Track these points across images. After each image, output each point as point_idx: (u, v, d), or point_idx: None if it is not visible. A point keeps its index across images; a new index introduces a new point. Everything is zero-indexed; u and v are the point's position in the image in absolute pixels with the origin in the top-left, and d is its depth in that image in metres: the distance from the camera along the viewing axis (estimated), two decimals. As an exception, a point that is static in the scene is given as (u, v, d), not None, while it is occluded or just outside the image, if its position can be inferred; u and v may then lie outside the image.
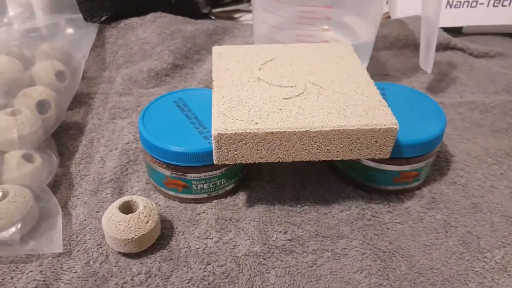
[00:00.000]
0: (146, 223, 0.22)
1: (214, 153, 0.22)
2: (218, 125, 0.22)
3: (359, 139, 0.22)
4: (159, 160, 0.25)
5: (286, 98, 0.24)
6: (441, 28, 0.46)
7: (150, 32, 0.41)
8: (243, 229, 0.24)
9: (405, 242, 0.24)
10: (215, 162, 0.23)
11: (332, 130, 0.22)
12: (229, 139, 0.21)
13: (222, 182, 0.26)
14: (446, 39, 0.44)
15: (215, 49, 0.29)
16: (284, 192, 0.27)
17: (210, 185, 0.25)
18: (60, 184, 0.27)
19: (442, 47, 0.44)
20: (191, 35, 0.42)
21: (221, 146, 0.22)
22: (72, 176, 0.28)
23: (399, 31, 0.44)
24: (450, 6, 0.47)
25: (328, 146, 0.22)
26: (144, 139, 0.25)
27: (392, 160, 0.25)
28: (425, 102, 0.28)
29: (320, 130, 0.22)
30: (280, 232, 0.24)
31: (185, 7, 0.49)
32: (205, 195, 0.26)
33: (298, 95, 0.24)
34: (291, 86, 0.25)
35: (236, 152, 0.22)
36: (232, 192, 0.27)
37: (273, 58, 0.28)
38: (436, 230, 0.25)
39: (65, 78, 0.33)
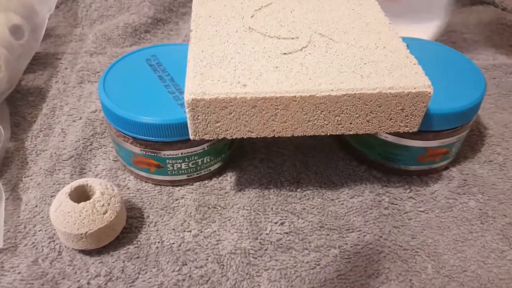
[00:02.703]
0: (104, 213, 0.17)
1: (189, 126, 0.17)
2: (193, 87, 0.16)
3: (380, 106, 0.17)
4: (124, 133, 0.20)
5: (285, 53, 0.18)
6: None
7: (128, -18, 0.35)
8: (229, 219, 0.20)
9: (431, 237, 0.19)
10: (191, 137, 0.17)
11: (344, 95, 0.16)
12: (207, 107, 0.16)
13: (205, 161, 0.21)
14: (476, -9, 0.38)
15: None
16: (282, 173, 0.22)
17: (190, 165, 0.20)
18: (11, 161, 0.22)
19: (470, 0, 0.38)
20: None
21: (198, 116, 0.17)
22: (26, 152, 0.23)
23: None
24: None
25: (339, 116, 0.17)
26: (105, 107, 0.20)
27: (418, 134, 0.20)
28: (458, 62, 0.23)
29: (329, 95, 0.16)
30: (276, 223, 0.20)
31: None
32: (184, 177, 0.21)
33: (301, 49, 0.19)
34: (292, 38, 0.19)
35: (218, 124, 0.17)
36: (218, 173, 0.22)
37: (270, 3, 0.22)
38: (469, 221, 0.20)
39: (23, 35, 0.28)
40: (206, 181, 0.22)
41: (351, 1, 0.22)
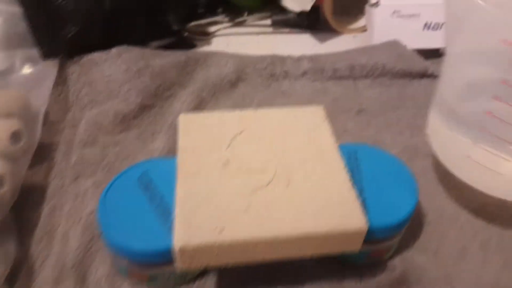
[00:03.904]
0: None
1: (177, 260, 0.21)
2: (180, 235, 0.20)
3: (328, 239, 0.21)
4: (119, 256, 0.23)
5: (254, 190, 0.23)
6: (417, 49, 0.44)
7: (115, 69, 0.38)
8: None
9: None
10: (177, 268, 0.21)
11: (300, 235, 0.21)
12: (192, 251, 0.20)
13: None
14: (423, 67, 0.43)
15: (182, 118, 0.27)
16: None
17: (180, 275, 0.24)
18: (19, 271, 0.26)
19: (418, 75, 0.43)
20: (160, 70, 0.39)
21: (184, 258, 0.21)
22: (32, 259, 0.26)
23: (377, 60, 0.43)
24: (428, 28, 0.46)
25: (298, 247, 0.21)
26: (102, 232, 0.23)
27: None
28: (397, 170, 0.27)
29: (288, 236, 0.21)
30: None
31: (154, 29, 0.46)
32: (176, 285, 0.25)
33: (267, 185, 0.23)
34: (260, 172, 0.23)
35: (202, 260, 0.21)
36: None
37: (242, 130, 0.26)
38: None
39: (21, 137, 0.31)
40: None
41: (308, 126, 0.26)
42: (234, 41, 0.51)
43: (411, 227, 0.29)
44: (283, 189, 0.23)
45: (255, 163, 0.24)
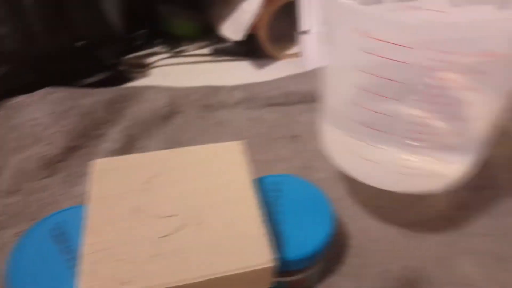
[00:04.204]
0: None
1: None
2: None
3: (238, 279, 0.22)
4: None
5: (163, 236, 0.22)
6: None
7: (41, 111, 0.37)
8: None
9: None
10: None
11: (209, 278, 0.21)
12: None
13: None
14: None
15: (96, 164, 0.26)
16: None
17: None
18: None
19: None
20: (89, 109, 0.39)
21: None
22: None
23: (309, 86, 0.44)
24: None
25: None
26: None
27: (280, 273, 0.25)
28: (316, 200, 0.28)
29: (197, 280, 0.21)
30: None
31: (88, 65, 0.46)
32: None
33: (177, 230, 0.23)
34: (171, 216, 0.23)
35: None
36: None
37: (157, 173, 0.26)
38: None
39: None
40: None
41: (224, 164, 0.26)
42: (172, 71, 0.51)
43: (336, 252, 0.30)
44: (193, 232, 0.23)
45: (166, 208, 0.24)
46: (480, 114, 0.25)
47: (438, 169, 0.27)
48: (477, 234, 0.31)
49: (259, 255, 0.22)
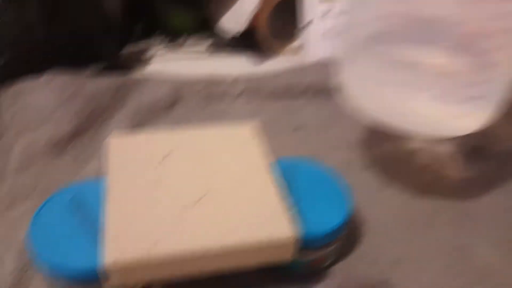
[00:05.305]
0: None
1: (109, 278, 0.21)
2: (110, 251, 0.21)
3: (259, 250, 0.23)
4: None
5: (184, 207, 0.23)
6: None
7: (46, 95, 0.38)
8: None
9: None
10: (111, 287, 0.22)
11: (232, 246, 0.22)
12: (123, 267, 0.21)
13: None
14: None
15: (112, 140, 0.27)
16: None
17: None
18: None
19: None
20: (93, 95, 0.39)
21: (116, 273, 0.21)
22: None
23: (311, 78, 0.46)
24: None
25: (231, 259, 0.22)
26: (34, 254, 0.23)
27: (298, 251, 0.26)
28: (331, 182, 0.28)
29: (220, 248, 0.22)
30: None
31: (89, 54, 0.46)
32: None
33: (197, 202, 0.24)
34: (190, 189, 0.24)
35: (133, 276, 0.21)
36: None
37: (172, 150, 0.27)
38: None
39: None
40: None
41: (239, 145, 0.28)
42: (172, 64, 0.52)
43: (351, 237, 0.30)
44: (213, 205, 0.24)
45: (185, 182, 0.25)
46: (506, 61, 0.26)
47: (463, 113, 0.28)
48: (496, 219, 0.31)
49: (282, 227, 0.23)
